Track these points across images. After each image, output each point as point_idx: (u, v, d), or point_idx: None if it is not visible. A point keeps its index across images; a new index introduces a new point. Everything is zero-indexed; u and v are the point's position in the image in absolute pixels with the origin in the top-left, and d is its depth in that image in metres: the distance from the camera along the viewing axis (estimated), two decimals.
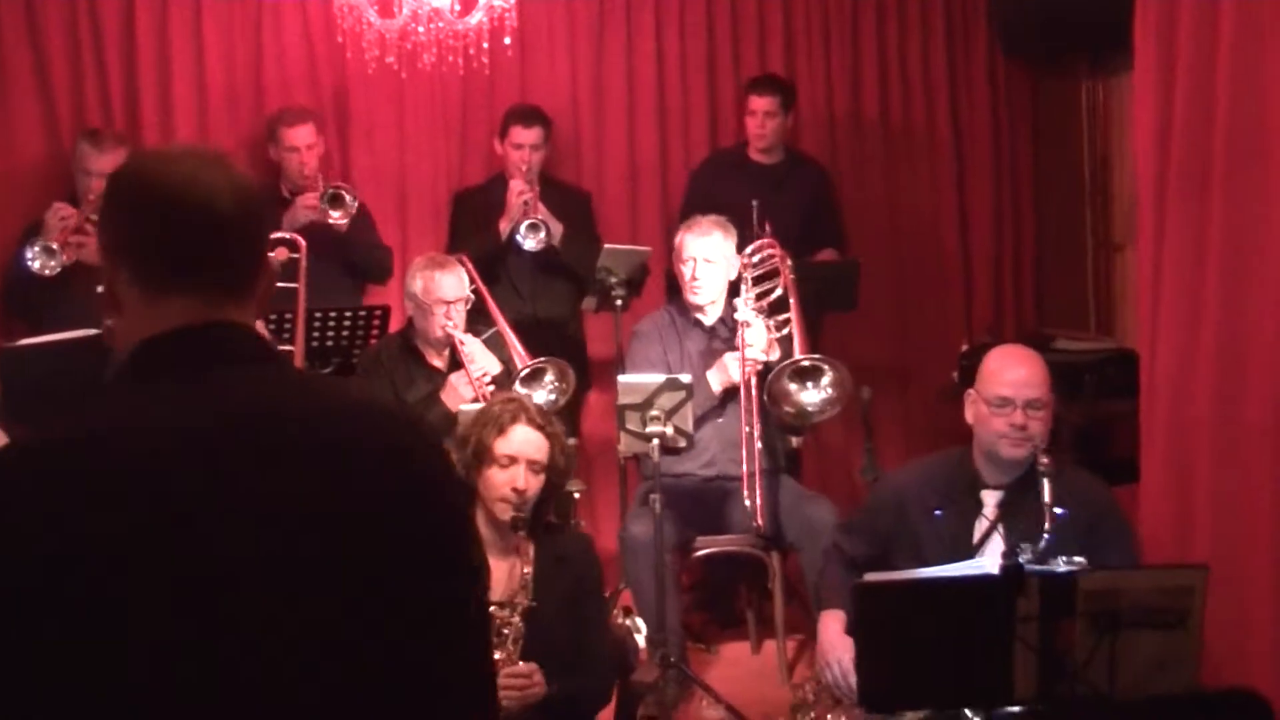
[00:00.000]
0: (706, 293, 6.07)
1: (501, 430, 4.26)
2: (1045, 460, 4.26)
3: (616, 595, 5.99)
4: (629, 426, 5.57)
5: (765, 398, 5.70)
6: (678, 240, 6.14)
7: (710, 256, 6.01)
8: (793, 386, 5.68)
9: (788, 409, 5.70)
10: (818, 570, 5.13)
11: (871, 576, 4.04)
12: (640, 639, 5.25)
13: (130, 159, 2.15)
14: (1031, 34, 7.80)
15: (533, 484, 4.24)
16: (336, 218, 6.66)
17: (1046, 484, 4.21)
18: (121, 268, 1.98)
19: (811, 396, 5.69)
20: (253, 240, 2.08)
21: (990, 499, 4.42)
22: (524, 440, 4.26)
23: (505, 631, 4.09)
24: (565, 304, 7.15)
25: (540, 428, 4.29)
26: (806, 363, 5.67)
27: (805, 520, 5.87)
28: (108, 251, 2.02)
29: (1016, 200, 8.38)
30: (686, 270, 6.07)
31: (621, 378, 5.73)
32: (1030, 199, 8.42)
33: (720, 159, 7.57)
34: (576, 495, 6.27)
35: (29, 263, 6.25)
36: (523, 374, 5.82)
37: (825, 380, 5.67)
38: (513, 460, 4.23)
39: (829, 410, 5.71)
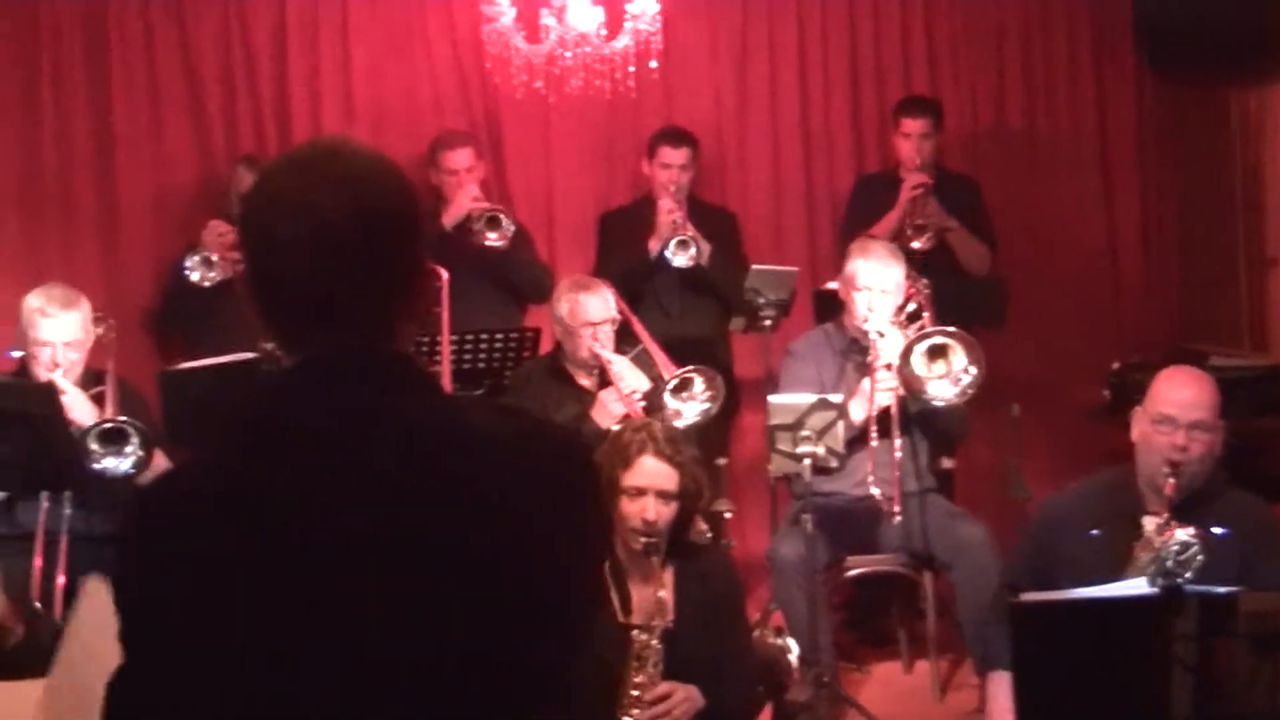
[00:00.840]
0: (879, 320, 5.91)
1: (628, 463, 4.23)
2: (1169, 487, 4.27)
3: (767, 615, 6.00)
4: (780, 447, 5.57)
5: (902, 388, 5.71)
6: (850, 267, 6.02)
7: (886, 287, 5.93)
8: (922, 372, 5.66)
9: (924, 395, 5.69)
10: (982, 622, 5.07)
11: (1028, 596, 4.03)
12: (792, 659, 5.25)
13: (255, 180, 1.99)
14: (1180, 45, 7.72)
15: (664, 513, 4.22)
16: (493, 239, 6.75)
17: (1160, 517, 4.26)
18: (255, 297, 1.95)
19: (945, 390, 5.67)
20: (378, 256, 1.90)
21: (1151, 524, 4.36)
22: (651, 471, 4.23)
23: (645, 655, 4.08)
24: (712, 323, 7.15)
25: (668, 458, 4.25)
26: (937, 338, 5.66)
27: (956, 539, 5.84)
28: (244, 280, 1.99)
29: (1164, 214, 8.27)
30: (862, 299, 5.95)
31: (772, 398, 5.72)
32: (1178, 213, 8.29)
33: (872, 182, 7.50)
34: (727, 515, 6.28)
35: (187, 272, 6.47)
36: (670, 385, 5.79)
37: (959, 361, 5.65)
38: (640, 492, 4.21)
39: (969, 392, 5.67)
